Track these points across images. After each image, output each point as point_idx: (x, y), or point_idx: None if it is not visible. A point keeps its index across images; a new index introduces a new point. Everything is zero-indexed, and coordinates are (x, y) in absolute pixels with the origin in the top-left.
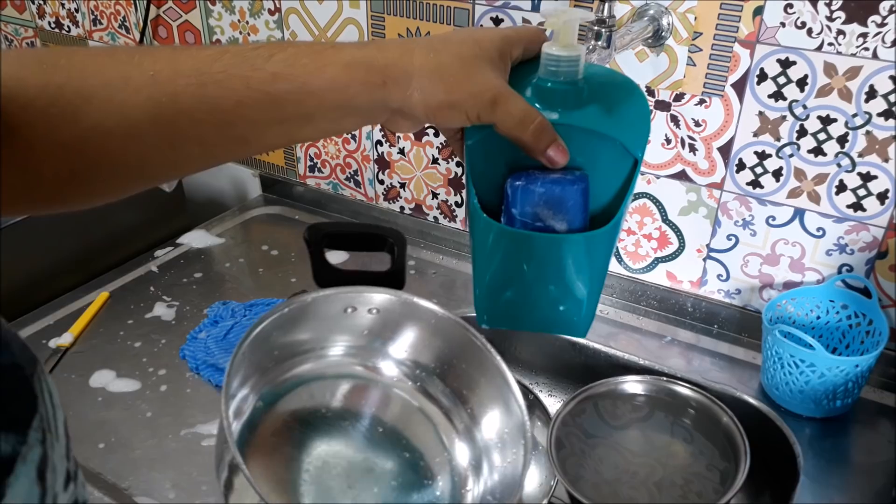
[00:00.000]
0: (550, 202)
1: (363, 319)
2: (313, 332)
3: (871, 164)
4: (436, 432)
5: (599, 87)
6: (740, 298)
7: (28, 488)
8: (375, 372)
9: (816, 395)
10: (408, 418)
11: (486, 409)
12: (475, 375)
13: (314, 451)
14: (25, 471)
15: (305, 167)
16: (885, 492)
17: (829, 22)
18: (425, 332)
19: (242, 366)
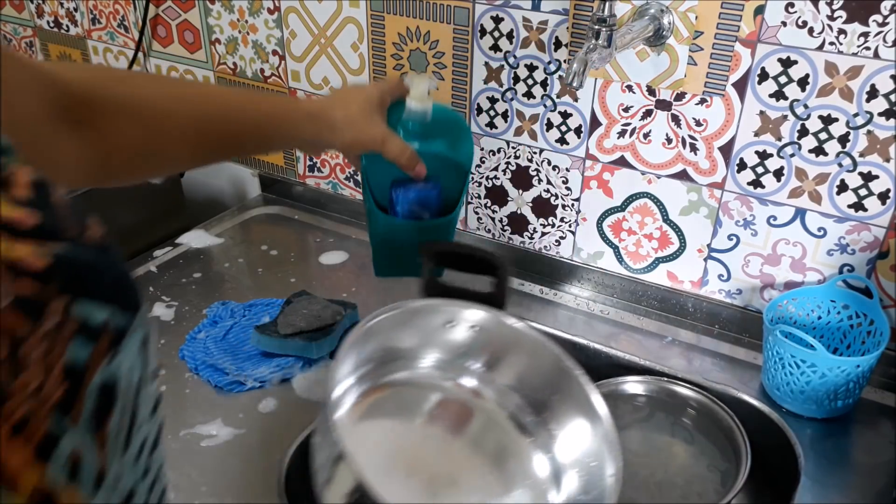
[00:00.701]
0: (419, 201)
1: (461, 335)
2: (412, 339)
3: (873, 164)
4: (518, 452)
5: (443, 123)
6: (741, 298)
7: (134, 356)
8: (464, 388)
9: (817, 395)
10: (491, 436)
11: (571, 432)
12: (565, 406)
13: (400, 458)
14: (132, 341)
15: (305, 167)
16: (886, 492)
17: (830, 21)
18: (520, 356)
19: (349, 358)
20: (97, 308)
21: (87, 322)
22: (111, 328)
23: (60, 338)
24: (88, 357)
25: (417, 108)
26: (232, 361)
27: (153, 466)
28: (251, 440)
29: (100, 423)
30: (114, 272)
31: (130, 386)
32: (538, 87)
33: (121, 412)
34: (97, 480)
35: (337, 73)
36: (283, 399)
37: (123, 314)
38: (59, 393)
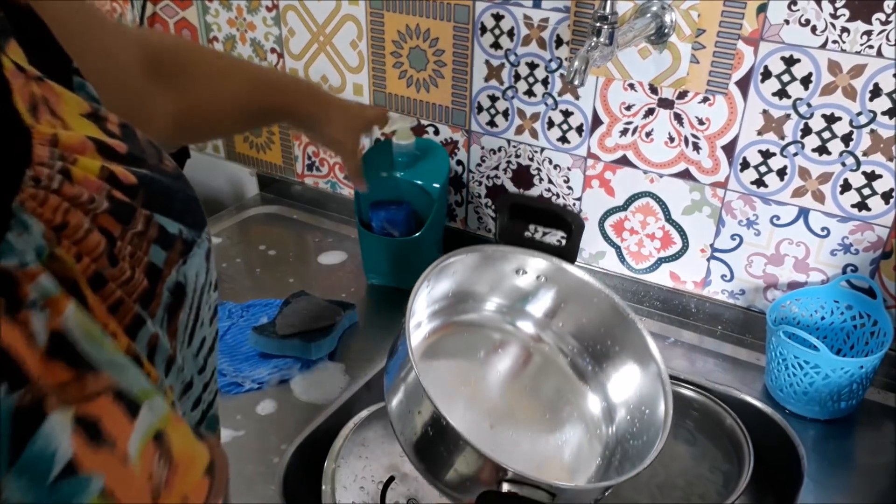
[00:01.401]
0: (388, 220)
1: (527, 282)
2: (482, 283)
3: (876, 163)
4: (572, 392)
5: (427, 152)
6: (744, 299)
7: (200, 263)
8: (526, 332)
9: (821, 396)
10: (548, 377)
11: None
12: (622, 352)
13: (462, 392)
14: (199, 252)
15: (303, 166)
16: (889, 493)
17: (833, 19)
18: (581, 304)
19: (424, 291)
20: (171, 222)
21: (164, 232)
22: (182, 239)
23: (144, 242)
24: (164, 260)
25: (403, 145)
26: (230, 363)
27: (209, 366)
28: (249, 442)
29: (171, 317)
30: (184, 196)
31: (196, 289)
32: (539, 86)
33: (188, 310)
34: (167, 364)
35: (336, 71)
36: (281, 400)
37: (191, 229)
38: (143, 286)
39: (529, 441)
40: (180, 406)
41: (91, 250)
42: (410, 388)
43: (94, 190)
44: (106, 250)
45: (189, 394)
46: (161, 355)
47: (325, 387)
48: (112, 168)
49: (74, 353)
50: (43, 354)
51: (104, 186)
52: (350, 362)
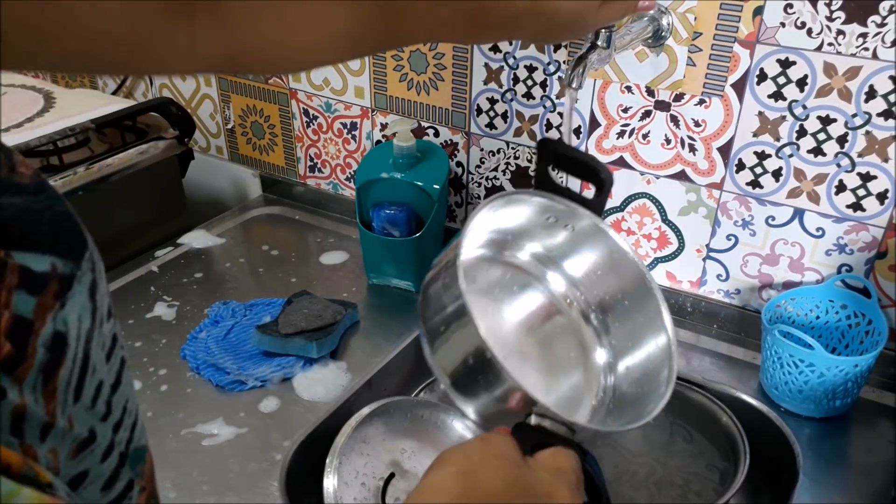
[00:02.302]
0: (388, 220)
1: (558, 231)
2: (517, 226)
3: (871, 165)
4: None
5: (427, 154)
6: (740, 298)
7: (83, 303)
8: (552, 283)
9: (816, 394)
10: (562, 328)
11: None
12: (636, 314)
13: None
14: (81, 289)
15: (305, 167)
16: (884, 492)
17: (828, 22)
18: (604, 263)
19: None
20: (38, 257)
21: (29, 273)
22: (57, 276)
23: (2, 292)
24: (34, 309)
25: (404, 146)
26: (233, 361)
27: (115, 407)
28: (252, 439)
29: (48, 377)
30: (51, 215)
31: (80, 336)
32: (538, 88)
33: (71, 363)
34: (43, 431)
35: (337, 73)
36: (284, 398)
37: (67, 260)
38: (5, 350)
39: (532, 377)
40: (78, 465)
41: None
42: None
43: None
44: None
45: (92, 447)
46: (33, 424)
47: (326, 385)
48: None
49: None
50: None
51: None
52: (351, 361)
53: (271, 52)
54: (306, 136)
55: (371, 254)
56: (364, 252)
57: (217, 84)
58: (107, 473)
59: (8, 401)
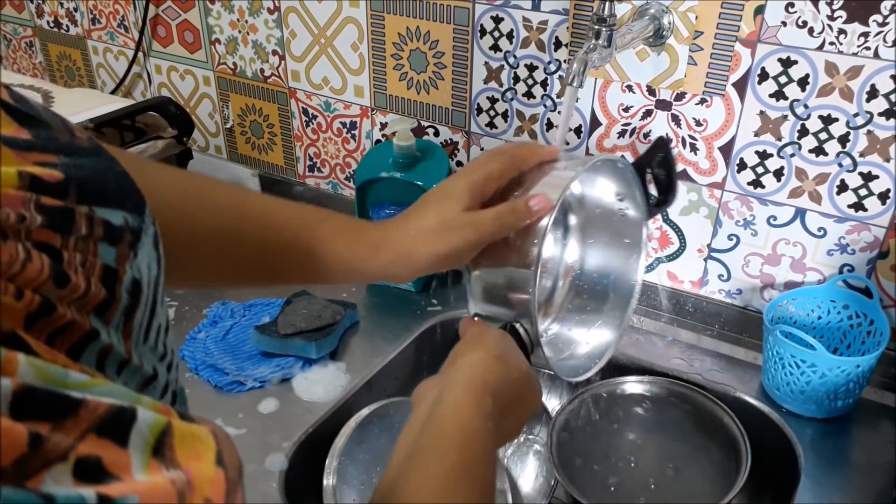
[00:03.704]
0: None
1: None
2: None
3: (873, 164)
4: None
5: (427, 154)
6: (741, 298)
7: (149, 252)
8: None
9: (817, 395)
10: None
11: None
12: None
13: None
14: (147, 240)
15: (305, 167)
16: (885, 492)
17: (830, 21)
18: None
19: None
20: (113, 212)
21: (109, 226)
22: (129, 228)
23: (91, 243)
24: (115, 258)
25: (404, 146)
26: (232, 361)
27: (168, 347)
28: (251, 440)
29: (127, 320)
30: (114, 175)
31: (150, 283)
32: (538, 87)
33: (144, 306)
34: (119, 367)
35: (337, 73)
36: (283, 399)
37: (134, 214)
38: (101, 295)
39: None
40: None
41: (33, 279)
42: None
43: (19, 205)
44: (51, 272)
45: (154, 384)
46: (113, 361)
47: (326, 385)
48: (30, 170)
49: (41, 405)
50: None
51: (29, 197)
52: (351, 361)
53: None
54: (306, 136)
55: None
56: None
57: (216, 83)
58: None
59: (99, 341)
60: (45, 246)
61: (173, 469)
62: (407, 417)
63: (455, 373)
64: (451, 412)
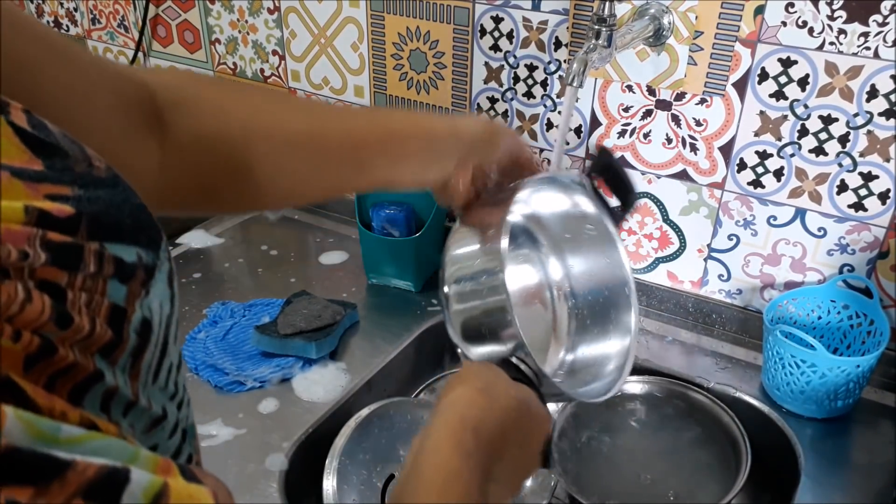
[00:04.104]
0: (388, 220)
1: (580, 227)
2: (546, 211)
3: (873, 164)
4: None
5: None
6: (741, 298)
7: (163, 290)
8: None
9: (817, 395)
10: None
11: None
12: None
13: None
14: (161, 277)
15: None
16: (885, 492)
17: (830, 21)
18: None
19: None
20: (126, 248)
21: (121, 263)
22: (143, 265)
23: (100, 282)
24: (125, 297)
25: None
26: (232, 361)
27: (179, 385)
28: (251, 440)
29: (136, 361)
30: (130, 208)
31: (161, 322)
32: (538, 87)
33: (153, 346)
34: (125, 409)
35: (337, 73)
36: (283, 399)
37: (148, 251)
38: (107, 336)
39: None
40: (150, 440)
41: (33, 321)
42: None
43: (23, 241)
44: (52, 312)
45: (163, 425)
46: (119, 402)
47: (326, 385)
48: (38, 204)
49: (26, 468)
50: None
51: (35, 233)
52: (351, 361)
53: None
54: None
55: (370, 254)
56: (363, 252)
57: None
58: (173, 448)
59: (104, 383)
60: (50, 284)
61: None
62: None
63: (435, 415)
64: (429, 455)
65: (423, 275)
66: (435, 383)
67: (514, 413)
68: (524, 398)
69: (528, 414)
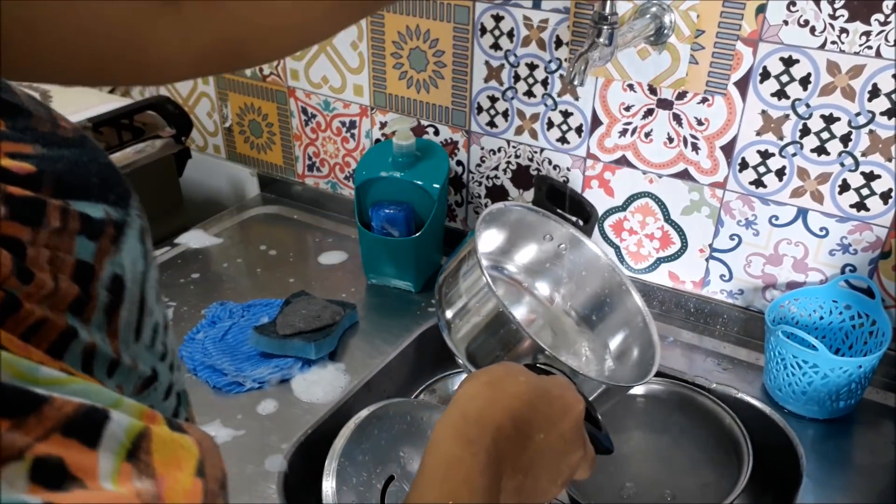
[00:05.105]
0: (388, 220)
1: (550, 249)
2: (516, 241)
3: (875, 164)
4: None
5: (427, 153)
6: (743, 299)
7: (135, 246)
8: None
9: (819, 396)
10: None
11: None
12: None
13: None
14: (132, 234)
15: (304, 166)
16: (888, 493)
17: (831, 20)
18: (590, 275)
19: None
20: (92, 205)
21: (88, 220)
22: (111, 221)
23: (65, 238)
24: (94, 253)
25: (403, 145)
26: (230, 362)
27: (169, 347)
28: (250, 442)
29: (111, 317)
30: (97, 167)
31: (136, 277)
32: (539, 86)
33: (129, 303)
34: (109, 369)
35: (336, 71)
36: (282, 400)
37: (117, 207)
38: (73, 293)
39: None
40: (143, 401)
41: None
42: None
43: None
44: (13, 267)
45: (155, 385)
46: (101, 361)
47: (325, 386)
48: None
49: (2, 399)
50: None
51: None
52: (350, 362)
53: (262, 37)
54: (305, 135)
55: (370, 254)
56: (363, 252)
57: (214, 82)
58: (170, 411)
59: (80, 339)
60: (10, 239)
61: (146, 478)
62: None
63: (441, 415)
64: (430, 449)
65: (422, 275)
66: (435, 384)
67: (528, 399)
68: (541, 385)
69: (548, 397)
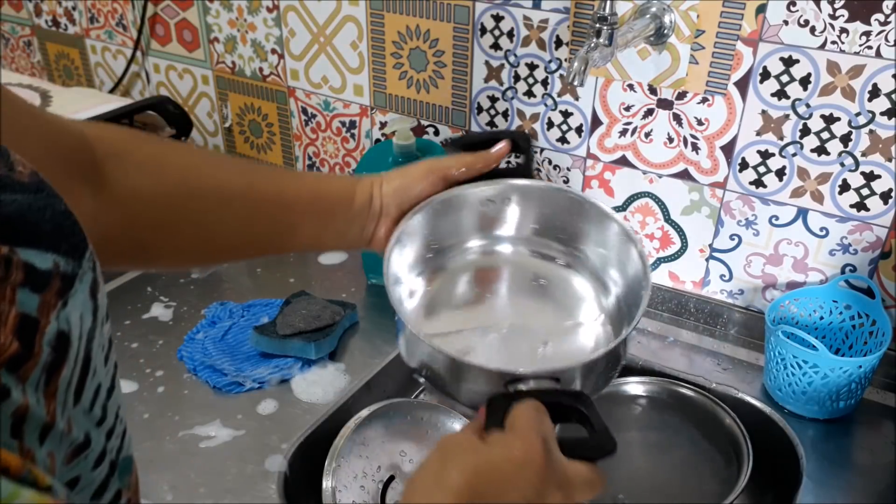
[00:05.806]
0: None
1: (497, 209)
2: (455, 227)
3: (875, 164)
4: (564, 285)
5: (427, 153)
6: (743, 299)
7: (84, 302)
8: (505, 252)
9: (819, 396)
10: (538, 279)
11: (593, 241)
12: (579, 223)
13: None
14: (82, 287)
15: (304, 166)
16: (888, 493)
17: (832, 20)
18: (542, 206)
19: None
20: (41, 254)
21: (33, 270)
22: (59, 273)
23: (7, 289)
24: (38, 307)
25: (403, 145)
26: (230, 362)
27: (109, 413)
28: (250, 441)
29: (51, 377)
30: (52, 214)
31: (82, 335)
32: (539, 86)
33: (73, 363)
34: (42, 433)
35: (336, 71)
36: (282, 400)
37: (68, 259)
38: (12, 349)
39: (550, 337)
40: (71, 470)
41: None
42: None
43: None
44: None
45: (86, 453)
46: (32, 425)
47: (325, 386)
48: None
49: None
50: None
51: None
52: (350, 362)
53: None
54: (305, 135)
55: (370, 254)
56: (363, 252)
57: (214, 82)
58: (97, 481)
59: (11, 400)
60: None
61: None
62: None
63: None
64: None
65: None
66: None
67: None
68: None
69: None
